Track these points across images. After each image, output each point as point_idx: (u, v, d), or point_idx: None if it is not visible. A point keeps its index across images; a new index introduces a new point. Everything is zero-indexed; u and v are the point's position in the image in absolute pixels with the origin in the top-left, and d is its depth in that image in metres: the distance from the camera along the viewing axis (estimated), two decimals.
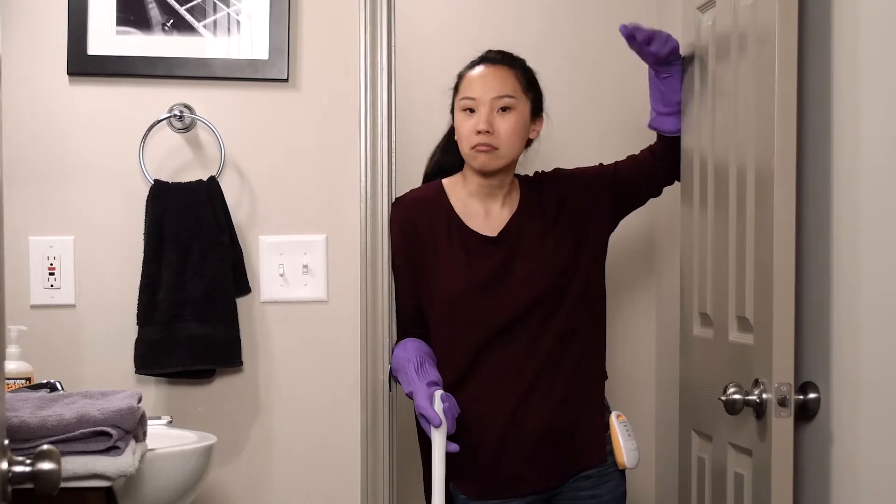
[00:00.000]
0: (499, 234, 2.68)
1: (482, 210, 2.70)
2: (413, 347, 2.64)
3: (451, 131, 2.75)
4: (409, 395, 2.60)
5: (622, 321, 3.40)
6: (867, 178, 2.15)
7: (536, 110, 2.70)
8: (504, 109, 2.62)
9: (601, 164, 2.80)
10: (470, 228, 2.68)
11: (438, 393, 2.52)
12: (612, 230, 2.78)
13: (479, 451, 2.63)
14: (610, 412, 2.72)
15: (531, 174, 2.78)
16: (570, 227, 2.69)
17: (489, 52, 2.72)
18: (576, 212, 2.71)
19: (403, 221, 2.73)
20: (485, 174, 2.66)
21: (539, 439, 2.64)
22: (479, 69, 2.67)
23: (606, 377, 2.77)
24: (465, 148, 2.65)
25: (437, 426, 2.49)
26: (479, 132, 2.59)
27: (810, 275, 2.33)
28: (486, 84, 2.63)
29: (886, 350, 2.09)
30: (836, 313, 2.24)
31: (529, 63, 2.74)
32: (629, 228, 3.13)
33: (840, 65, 2.24)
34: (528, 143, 2.73)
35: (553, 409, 2.64)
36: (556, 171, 2.78)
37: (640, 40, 2.59)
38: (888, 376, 2.08)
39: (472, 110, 2.63)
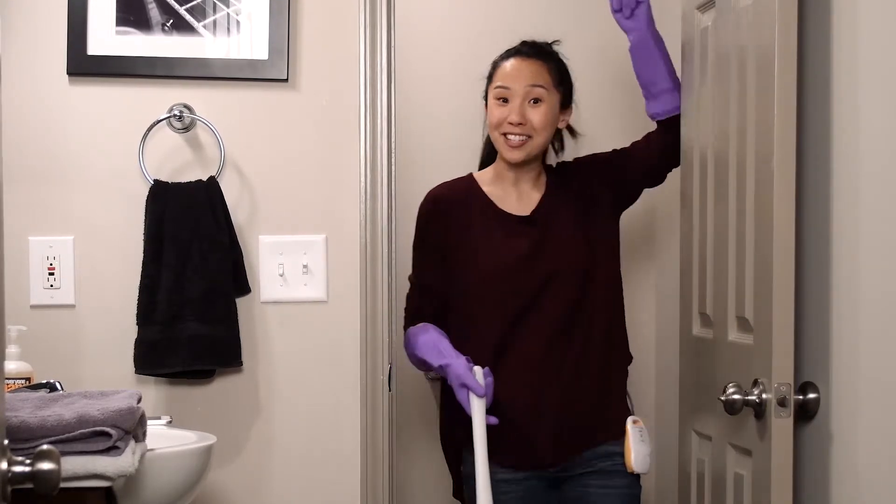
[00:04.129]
0: (531, 212, 2.77)
1: (514, 192, 2.79)
2: (436, 330, 2.71)
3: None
4: (437, 369, 2.65)
5: None
6: (867, 178, 2.15)
7: (566, 102, 2.79)
8: (535, 101, 2.71)
9: (613, 150, 2.87)
10: (502, 210, 2.77)
11: (479, 368, 2.60)
12: (619, 214, 2.84)
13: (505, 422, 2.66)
14: (631, 405, 2.77)
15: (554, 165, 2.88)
16: (589, 211, 2.78)
17: (523, 43, 2.80)
18: (591, 196, 2.80)
19: (433, 208, 2.82)
20: (516, 164, 2.76)
21: (556, 414, 2.67)
22: (512, 61, 2.76)
23: (631, 358, 2.83)
24: (494, 134, 2.76)
25: (481, 396, 2.56)
26: (511, 123, 2.70)
27: (810, 275, 2.33)
28: (520, 74, 2.73)
29: (886, 350, 2.09)
30: (836, 313, 2.24)
31: None
32: (629, 228, 3.13)
33: (840, 64, 2.24)
34: (558, 133, 2.83)
35: (569, 384, 2.70)
36: (576, 159, 2.88)
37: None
38: (888, 376, 2.08)
39: (505, 100, 2.72)
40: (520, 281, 2.71)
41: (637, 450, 2.66)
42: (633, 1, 2.75)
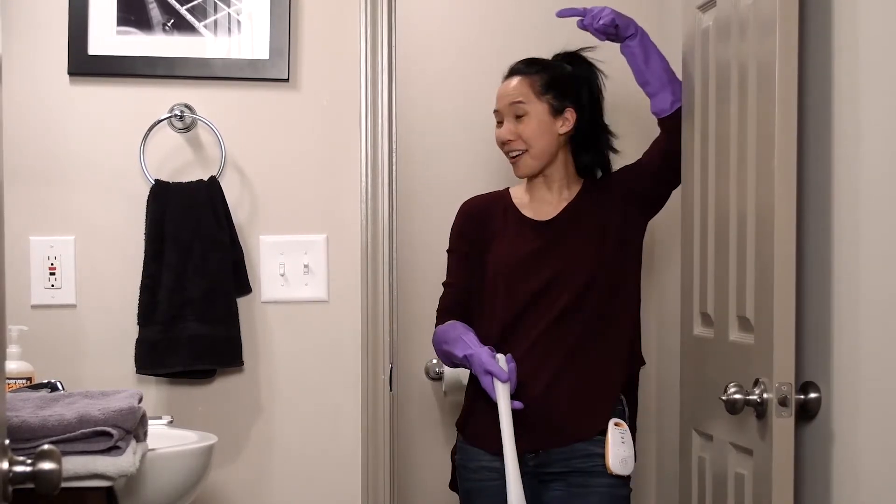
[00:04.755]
0: (551, 218, 2.79)
1: (540, 201, 2.82)
2: (462, 325, 2.74)
3: None
4: (461, 360, 2.67)
5: None
6: (868, 179, 2.15)
7: (559, 108, 2.78)
8: (519, 117, 2.77)
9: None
10: (524, 215, 2.81)
11: (501, 356, 2.64)
12: (644, 222, 2.85)
13: (484, 402, 2.69)
14: (626, 412, 2.75)
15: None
16: (607, 222, 2.78)
17: (515, 63, 2.83)
18: (613, 208, 2.81)
19: (464, 217, 2.85)
20: (530, 178, 2.81)
21: (535, 405, 2.67)
22: (501, 85, 2.82)
23: (641, 364, 2.83)
24: (504, 154, 2.83)
25: (505, 381, 2.60)
26: (504, 142, 2.79)
27: (811, 275, 2.33)
28: (503, 95, 2.80)
29: (886, 350, 2.09)
30: (837, 313, 2.24)
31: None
32: None
33: (841, 64, 2.24)
34: (586, 138, 2.82)
35: (552, 380, 2.70)
36: (613, 172, 2.89)
37: (585, 23, 2.81)
38: (888, 376, 2.08)
39: (500, 122, 2.80)
40: (525, 279, 2.74)
41: (615, 451, 2.66)
42: (595, 17, 2.79)
